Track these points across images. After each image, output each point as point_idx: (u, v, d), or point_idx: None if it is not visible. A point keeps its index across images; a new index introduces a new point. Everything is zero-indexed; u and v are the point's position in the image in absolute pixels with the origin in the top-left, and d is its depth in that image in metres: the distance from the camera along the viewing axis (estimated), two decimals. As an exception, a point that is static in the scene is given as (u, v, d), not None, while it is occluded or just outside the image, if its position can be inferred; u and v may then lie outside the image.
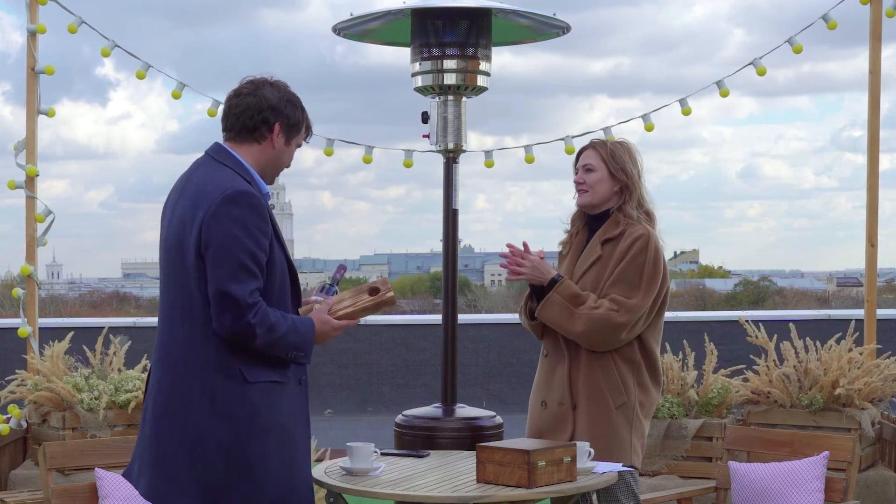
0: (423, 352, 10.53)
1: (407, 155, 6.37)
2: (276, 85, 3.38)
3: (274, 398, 3.25)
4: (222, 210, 3.17)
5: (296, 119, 3.38)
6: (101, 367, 6.14)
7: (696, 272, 63.55)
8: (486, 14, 5.39)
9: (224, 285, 3.13)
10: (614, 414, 3.99)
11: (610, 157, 4.10)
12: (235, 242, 3.15)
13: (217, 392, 3.20)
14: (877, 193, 6.41)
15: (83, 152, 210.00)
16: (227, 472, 3.19)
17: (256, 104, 3.33)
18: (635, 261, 3.99)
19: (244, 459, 3.20)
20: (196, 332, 3.23)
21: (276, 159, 3.40)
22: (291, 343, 3.25)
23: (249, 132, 3.34)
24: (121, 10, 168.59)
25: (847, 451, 4.44)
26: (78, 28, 6.30)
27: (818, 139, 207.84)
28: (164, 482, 3.25)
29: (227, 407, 3.19)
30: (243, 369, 3.20)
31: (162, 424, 3.27)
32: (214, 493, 3.21)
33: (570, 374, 4.06)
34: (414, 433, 5.01)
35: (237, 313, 3.13)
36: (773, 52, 6.45)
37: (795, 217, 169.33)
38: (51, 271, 74.38)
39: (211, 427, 3.19)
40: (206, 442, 3.20)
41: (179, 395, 3.24)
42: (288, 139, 3.39)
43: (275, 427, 3.24)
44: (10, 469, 6.01)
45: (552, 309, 4.02)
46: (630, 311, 3.94)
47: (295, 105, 3.39)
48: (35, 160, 6.32)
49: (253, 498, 3.23)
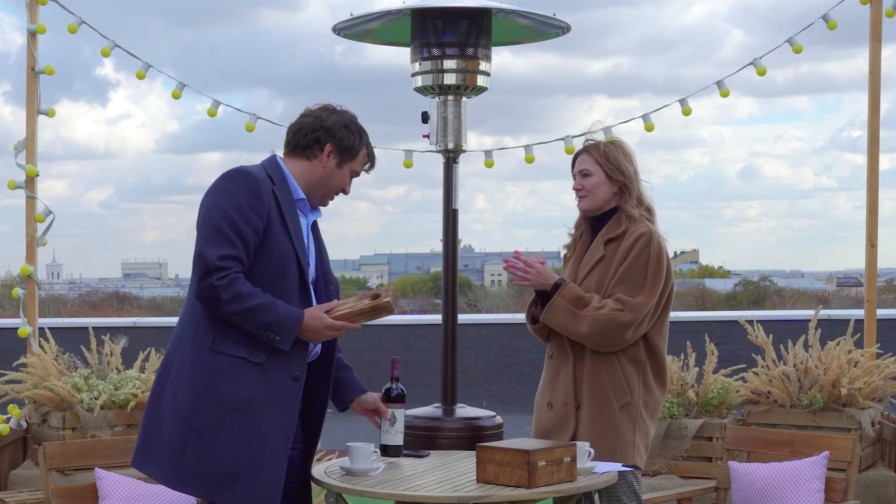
0: (423, 352, 10.53)
1: (407, 155, 6.37)
2: (339, 112, 3.55)
3: (238, 373, 3.31)
4: (217, 183, 3.38)
5: (350, 143, 3.51)
6: (100, 367, 6.14)
7: (696, 272, 63.53)
8: (486, 14, 5.39)
9: (199, 247, 3.29)
10: (618, 414, 3.99)
11: (604, 159, 4.09)
12: (219, 210, 3.31)
13: (187, 359, 3.34)
14: (877, 193, 6.41)
15: (83, 152, 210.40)
16: (182, 435, 3.30)
17: (312, 124, 3.51)
18: (639, 259, 3.99)
19: (196, 424, 3.29)
20: (189, 304, 3.42)
21: (325, 179, 3.52)
22: (263, 321, 3.29)
23: (302, 149, 3.51)
24: (120, 10, 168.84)
25: (847, 451, 4.44)
26: (78, 28, 6.29)
27: (817, 139, 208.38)
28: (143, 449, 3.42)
29: (192, 373, 3.32)
30: (215, 340, 3.32)
31: (151, 397, 3.46)
32: (172, 456, 3.32)
33: (574, 374, 4.06)
34: (414, 433, 5.01)
35: (203, 273, 3.26)
36: (773, 52, 6.45)
37: (795, 217, 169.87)
38: (51, 271, 74.44)
39: (177, 391, 3.33)
40: (174, 405, 3.33)
41: (164, 364, 3.44)
42: (340, 162, 3.52)
43: (234, 402, 3.30)
44: (10, 469, 6.01)
45: (556, 313, 4.03)
46: (635, 310, 3.94)
47: (351, 131, 3.52)
48: (35, 160, 6.32)
49: (200, 466, 3.29)
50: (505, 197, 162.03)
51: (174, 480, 3.35)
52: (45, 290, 25.84)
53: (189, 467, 3.30)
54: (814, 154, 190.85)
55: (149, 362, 6.18)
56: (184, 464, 3.30)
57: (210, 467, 3.29)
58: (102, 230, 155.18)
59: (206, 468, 3.29)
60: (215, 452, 3.28)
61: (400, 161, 6.39)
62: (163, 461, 3.34)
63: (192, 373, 3.32)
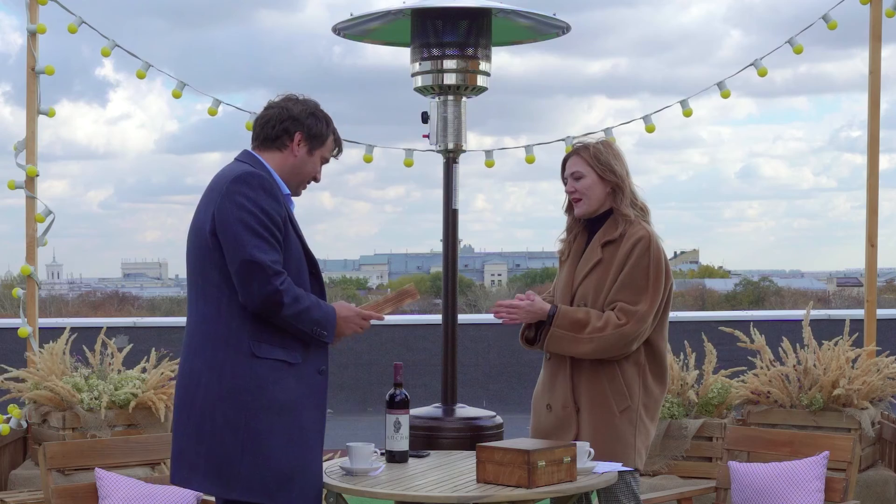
0: (423, 352, 10.53)
1: (407, 154, 6.37)
2: (303, 101, 3.55)
3: (281, 376, 3.32)
4: (233, 188, 3.31)
5: (318, 131, 3.52)
6: (100, 367, 6.14)
7: (696, 272, 63.50)
8: (486, 14, 5.39)
9: (248, 254, 3.24)
10: (618, 418, 3.97)
11: (595, 160, 4.05)
12: (251, 216, 3.28)
13: (226, 368, 3.29)
14: (877, 193, 6.40)
15: (83, 153, 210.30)
16: (235, 445, 3.27)
17: (279, 115, 3.50)
18: (639, 264, 3.97)
19: (250, 433, 3.27)
20: (210, 311, 3.34)
21: (298, 168, 3.52)
22: (315, 318, 3.35)
23: (272, 140, 3.50)
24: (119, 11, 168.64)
25: (847, 451, 4.44)
26: (78, 28, 6.30)
27: (816, 139, 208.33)
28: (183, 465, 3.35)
29: (234, 381, 3.28)
30: (252, 345, 3.29)
31: (179, 410, 3.39)
32: (222, 469, 3.28)
33: (572, 377, 4.04)
34: (414, 433, 5.00)
35: (264, 279, 3.24)
36: (772, 52, 6.45)
37: (795, 217, 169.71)
38: (51, 271, 74.38)
39: (218, 402, 3.28)
40: (213, 417, 3.28)
41: (191, 374, 3.36)
42: (310, 149, 3.52)
43: (281, 405, 3.31)
44: (10, 469, 6.01)
45: (558, 342, 4.00)
46: (640, 321, 3.92)
47: (318, 118, 3.53)
48: (35, 160, 6.32)
49: (259, 472, 3.29)
50: (504, 197, 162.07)
51: (233, 490, 3.31)
52: (45, 290, 25.86)
53: (248, 475, 3.29)
54: (812, 154, 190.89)
55: (149, 362, 6.18)
56: (242, 473, 3.28)
57: (269, 471, 3.30)
58: (102, 230, 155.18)
59: (265, 473, 3.30)
60: (272, 456, 3.30)
61: (400, 161, 6.39)
62: (212, 474, 3.31)
63: (235, 382, 3.29)
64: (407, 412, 3.86)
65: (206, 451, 3.30)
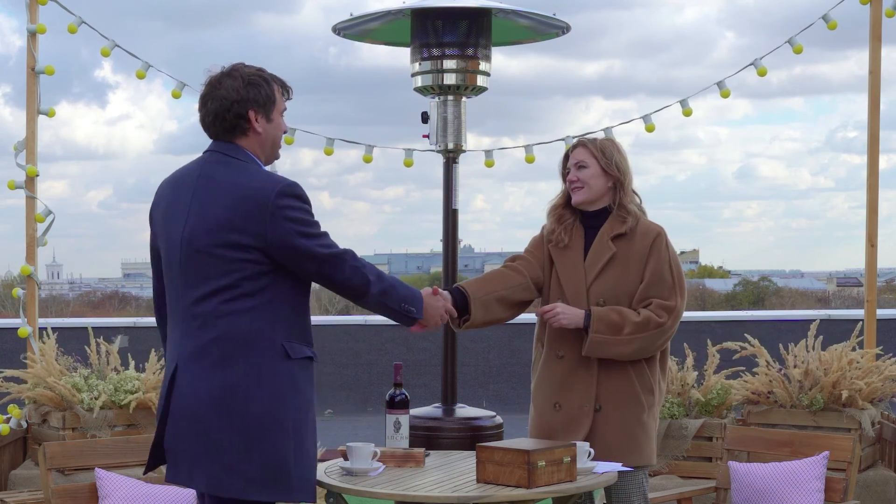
0: (424, 352, 10.53)
1: (407, 154, 6.37)
2: (232, 74, 3.35)
3: (309, 373, 3.32)
4: (283, 203, 3.21)
5: (265, 96, 3.35)
6: (100, 367, 6.14)
7: (696, 272, 63.44)
8: (486, 14, 5.40)
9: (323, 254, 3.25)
10: (647, 414, 4.00)
11: (601, 153, 4.09)
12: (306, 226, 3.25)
13: (263, 371, 3.22)
14: (876, 193, 6.40)
15: (83, 153, 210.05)
16: (284, 447, 3.22)
17: (223, 104, 3.31)
18: (663, 259, 4.00)
19: (295, 432, 3.24)
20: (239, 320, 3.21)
21: (270, 137, 3.39)
22: (402, 295, 3.42)
23: (233, 129, 3.34)
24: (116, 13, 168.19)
25: (847, 451, 4.44)
26: (78, 28, 6.30)
27: (813, 140, 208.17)
28: (223, 471, 3.21)
29: (273, 384, 3.22)
30: (286, 346, 3.25)
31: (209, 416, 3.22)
32: (274, 470, 3.22)
33: (598, 377, 4.00)
34: (414, 433, 5.00)
35: (352, 263, 3.28)
36: (770, 53, 6.45)
37: (794, 217, 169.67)
38: (51, 271, 74.32)
39: (260, 406, 3.20)
40: (261, 422, 3.20)
41: (224, 382, 3.21)
42: (268, 117, 3.37)
43: (308, 402, 3.31)
44: (10, 469, 6.01)
45: (598, 347, 3.96)
46: (678, 317, 3.98)
47: (257, 84, 3.35)
48: (35, 160, 6.32)
49: (303, 466, 3.27)
50: (503, 197, 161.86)
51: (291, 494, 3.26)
52: (45, 290, 25.84)
53: (299, 476, 3.26)
54: (809, 154, 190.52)
55: (149, 362, 6.18)
56: (293, 474, 3.24)
57: (311, 468, 3.30)
58: (102, 230, 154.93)
59: (310, 472, 3.30)
60: (310, 453, 3.30)
61: (399, 161, 6.39)
62: (258, 479, 3.21)
63: (275, 386, 3.22)
64: (407, 412, 3.86)
65: (257, 457, 3.20)
